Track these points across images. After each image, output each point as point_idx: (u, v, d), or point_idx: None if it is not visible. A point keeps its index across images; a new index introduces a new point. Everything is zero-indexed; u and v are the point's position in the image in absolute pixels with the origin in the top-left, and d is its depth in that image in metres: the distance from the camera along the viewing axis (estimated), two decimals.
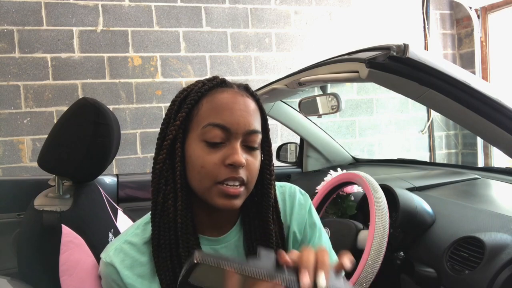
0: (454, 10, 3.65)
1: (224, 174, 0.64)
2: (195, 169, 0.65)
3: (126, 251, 0.67)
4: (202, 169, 0.64)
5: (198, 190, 0.66)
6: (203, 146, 0.65)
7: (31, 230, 0.89)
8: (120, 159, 2.78)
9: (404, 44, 0.73)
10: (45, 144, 0.95)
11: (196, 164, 0.65)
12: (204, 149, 0.65)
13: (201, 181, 0.65)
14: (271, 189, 0.73)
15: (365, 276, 0.82)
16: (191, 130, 0.67)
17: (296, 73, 1.21)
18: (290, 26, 3.18)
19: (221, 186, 0.64)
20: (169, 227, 0.66)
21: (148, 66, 2.83)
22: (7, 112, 2.56)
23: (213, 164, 0.64)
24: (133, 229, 0.71)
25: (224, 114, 0.65)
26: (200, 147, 0.65)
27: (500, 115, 0.69)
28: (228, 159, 0.64)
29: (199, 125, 0.66)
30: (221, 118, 0.65)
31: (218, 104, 0.66)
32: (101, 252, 0.69)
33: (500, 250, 0.77)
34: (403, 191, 1.06)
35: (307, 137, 1.89)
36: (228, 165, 0.64)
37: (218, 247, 0.72)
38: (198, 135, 0.66)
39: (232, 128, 0.65)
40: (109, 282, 0.67)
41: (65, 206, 0.92)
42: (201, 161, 0.64)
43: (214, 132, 0.64)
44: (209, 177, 0.64)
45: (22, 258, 0.89)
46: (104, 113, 0.95)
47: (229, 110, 0.65)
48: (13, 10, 2.56)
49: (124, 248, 0.67)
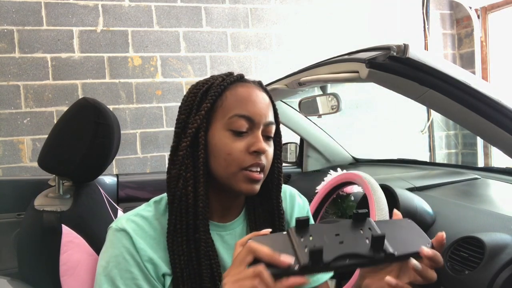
0: (454, 10, 3.65)
1: (249, 160, 0.70)
2: (221, 156, 0.70)
3: (137, 222, 0.70)
4: (229, 156, 0.69)
5: (223, 175, 0.71)
6: (229, 135, 0.70)
7: (31, 230, 0.89)
8: (120, 159, 2.78)
9: (404, 44, 0.73)
10: (45, 144, 0.96)
11: (222, 151, 0.70)
12: (230, 137, 0.70)
13: (227, 167, 0.70)
14: (281, 177, 0.80)
15: None
16: (215, 120, 0.71)
17: (296, 73, 1.21)
18: (290, 26, 3.18)
19: (246, 171, 0.70)
20: (187, 212, 0.69)
21: (148, 66, 2.83)
22: (7, 112, 2.56)
23: (239, 151, 0.69)
24: (144, 206, 0.74)
25: (248, 106, 0.71)
26: (226, 135, 0.70)
27: (500, 115, 0.69)
28: (253, 146, 0.70)
29: (225, 115, 0.71)
30: (246, 109, 0.70)
31: (243, 97, 0.72)
32: None
33: (500, 250, 0.77)
34: (403, 191, 1.06)
35: (307, 137, 1.89)
36: (252, 152, 0.70)
37: (224, 233, 0.75)
38: (223, 124, 0.71)
39: (255, 119, 0.71)
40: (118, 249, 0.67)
41: (65, 206, 0.92)
42: (228, 148, 0.70)
43: (240, 122, 0.70)
44: (236, 163, 0.69)
45: (22, 258, 0.89)
46: (104, 113, 0.95)
47: (252, 102, 0.71)
48: (13, 10, 2.56)
49: (136, 219, 0.70)
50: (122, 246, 0.67)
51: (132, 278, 0.66)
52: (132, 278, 0.66)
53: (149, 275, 0.67)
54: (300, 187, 1.64)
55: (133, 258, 0.67)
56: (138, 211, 0.73)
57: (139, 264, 0.67)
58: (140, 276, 0.66)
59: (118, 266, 0.66)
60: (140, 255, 0.67)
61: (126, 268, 0.66)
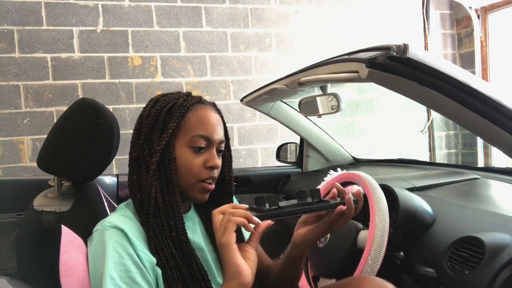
0: (454, 10, 3.65)
1: (205, 174, 0.82)
2: (183, 169, 0.81)
3: (123, 219, 0.77)
4: (190, 170, 0.81)
5: (182, 186, 0.82)
6: (189, 151, 0.81)
7: (31, 231, 0.89)
8: (120, 159, 2.78)
9: (404, 44, 0.72)
10: (44, 144, 0.95)
11: (184, 166, 0.81)
12: (190, 154, 0.81)
13: (187, 179, 0.81)
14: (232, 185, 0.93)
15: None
16: (178, 138, 0.81)
17: (296, 73, 1.21)
18: (290, 26, 3.18)
19: (202, 183, 0.82)
20: (159, 215, 0.78)
21: (148, 66, 2.83)
22: (7, 112, 2.56)
23: (198, 166, 0.81)
24: (118, 210, 0.82)
25: (207, 127, 0.82)
26: (187, 152, 0.81)
27: (500, 115, 0.69)
28: (209, 162, 0.82)
29: (187, 134, 0.81)
30: (205, 130, 0.82)
31: (202, 119, 0.83)
32: None
33: (500, 250, 0.77)
34: (403, 191, 1.06)
35: (307, 137, 1.89)
36: (208, 167, 0.82)
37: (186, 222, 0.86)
38: (186, 142, 0.81)
39: (212, 138, 0.82)
40: (111, 244, 0.72)
41: (64, 206, 0.92)
42: (189, 164, 0.81)
43: (200, 141, 0.81)
44: (195, 176, 0.81)
45: (21, 259, 0.89)
46: (104, 113, 0.95)
47: (210, 124, 0.83)
48: (13, 10, 2.56)
49: (120, 218, 0.78)
50: (115, 241, 0.72)
51: (126, 270, 0.71)
52: (126, 271, 0.71)
53: (143, 267, 0.73)
54: (300, 187, 1.64)
55: (126, 251, 0.72)
56: (116, 213, 0.80)
57: (132, 257, 0.72)
58: (133, 269, 0.71)
59: (112, 259, 0.71)
60: (134, 246, 0.73)
61: (119, 261, 0.71)
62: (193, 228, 0.88)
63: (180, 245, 0.79)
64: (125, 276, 0.70)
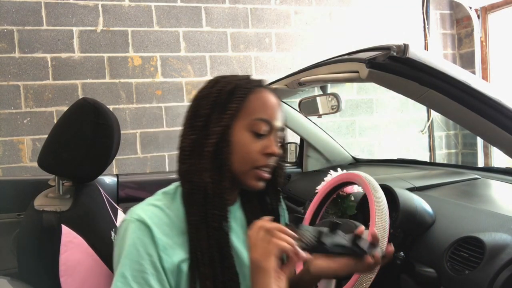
0: (454, 10, 3.65)
1: (262, 161, 0.76)
2: (240, 154, 0.75)
3: (152, 210, 0.73)
4: (247, 155, 0.75)
5: (237, 171, 0.76)
6: (249, 135, 0.76)
7: (31, 230, 0.89)
8: (120, 159, 2.78)
9: (404, 44, 0.73)
10: (45, 144, 0.95)
11: (242, 150, 0.75)
12: (250, 138, 0.76)
13: (243, 165, 0.76)
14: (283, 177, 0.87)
15: (365, 276, 0.82)
16: (238, 120, 0.76)
17: (296, 73, 1.21)
18: (290, 26, 3.18)
19: (257, 170, 0.76)
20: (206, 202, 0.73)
21: (148, 66, 2.83)
22: (7, 112, 2.56)
23: (256, 152, 0.76)
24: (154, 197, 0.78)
25: (270, 111, 0.77)
26: (247, 136, 0.76)
27: (500, 115, 0.69)
28: (268, 148, 0.76)
29: (249, 117, 0.76)
30: (268, 114, 0.77)
31: (265, 102, 0.78)
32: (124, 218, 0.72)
33: (500, 250, 0.77)
34: (403, 191, 1.06)
35: (307, 137, 1.89)
36: (266, 154, 0.76)
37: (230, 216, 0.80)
38: (246, 125, 0.76)
39: (274, 124, 0.78)
40: (132, 239, 0.68)
41: (64, 206, 0.92)
42: (247, 148, 0.75)
43: (261, 125, 0.76)
44: (251, 162, 0.76)
45: (22, 258, 0.89)
46: (104, 113, 0.95)
47: (272, 108, 0.78)
48: (13, 10, 2.56)
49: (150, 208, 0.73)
50: (136, 237, 0.68)
51: (141, 270, 0.67)
52: (140, 271, 0.67)
53: (161, 269, 0.68)
54: (300, 187, 1.64)
55: (146, 250, 0.68)
56: (149, 201, 0.76)
57: (151, 257, 0.68)
58: (149, 270, 0.67)
59: (128, 256, 0.67)
60: (157, 245, 0.68)
61: (136, 259, 0.67)
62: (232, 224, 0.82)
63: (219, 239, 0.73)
64: (138, 276, 0.66)
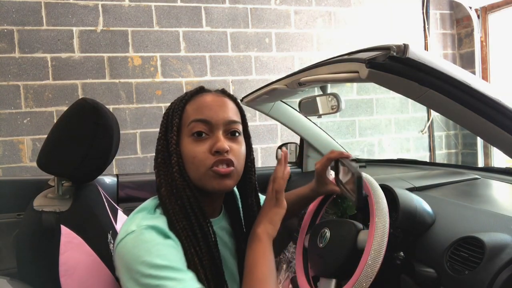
0: (454, 10, 3.65)
1: (211, 159, 0.76)
2: (189, 160, 0.77)
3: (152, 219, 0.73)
4: (194, 159, 0.76)
5: (196, 179, 0.77)
6: (191, 140, 0.77)
7: (30, 231, 0.89)
8: (120, 159, 2.78)
9: (404, 44, 0.72)
10: (44, 145, 0.95)
11: (189, 156, 0.77)
12: (193, 142, 0.77)
13: (197, 170, 0.77)
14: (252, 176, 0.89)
15: (365, 276, 0.82)
16: (182, 132, 0.79)
17: (296, 73, 1.21)
18: (290, 26, 3.18)
19: (212, 169, 0.76)
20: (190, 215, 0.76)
21: (148, 66, 2.83)
22: (7, 112, 2.56)
23: (202, 153, 0.76)
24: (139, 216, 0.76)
25: (204, 110, 0.78)
26: (189, 141, 0.77)
27: (500, 115, 0.69)
28: (214, 147, 0.76)
29: (186, 124, 0.78)
30: (202, 114, 0.78)
31: (199, 104, 0.79)
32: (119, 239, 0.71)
33: (500, 250, 0.77)
34: (403, 191, 1.06)
35: (307, 137, 1.89)
36: (215, 153, 0.76)
37: (215, 227, 0.83)
38: (186, 132, 0.78)
39: (212, 121, 0.77)
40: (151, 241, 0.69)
41: (64, 206, 0.92)
42: (192, 153, 0.77)
43: (198, 126, 0.77)
44: (202, 164, 0.76)
45: (21, 259, 0.88)
46: (103, 113, 0.95)
47: (209, 107, 0.79)
48: (13, 10, 2.56)
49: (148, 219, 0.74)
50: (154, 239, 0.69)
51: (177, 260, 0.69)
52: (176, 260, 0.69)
53: None
54: (300, 187, 1.64)
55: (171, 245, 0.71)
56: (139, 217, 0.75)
57: (176, 248, 0.71)
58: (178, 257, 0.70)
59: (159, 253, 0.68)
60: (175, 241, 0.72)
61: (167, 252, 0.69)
62: (220, 233, 0.86)
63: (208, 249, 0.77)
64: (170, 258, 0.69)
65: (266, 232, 0.78)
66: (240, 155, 0.80)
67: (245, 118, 0.86)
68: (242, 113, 0.85)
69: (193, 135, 0.77)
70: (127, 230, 0.71)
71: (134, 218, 0.74)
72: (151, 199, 0.82)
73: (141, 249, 0.67)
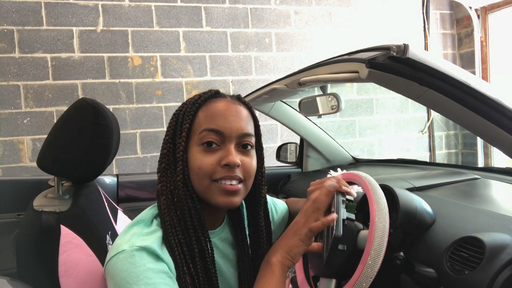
0: (454, 10, 3.65)
1: (220, 173, 0.72)
2: (194, 170, 0.72)
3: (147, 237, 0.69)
4: (200, 170, 0.72)
5: (199, 189, 0.73)
6: (200, 149, 0.73)
7: (30, 231, 0.89)
8: (120, 159, 2.78)
9: (404, 44, 0.72)
10: (44, 145, 0.95)
11: (195, 166, 0.72)
12: (201, 152, 0.72)
13: (200, 181, 0.72)
14: (262, 189, 0.84)
15: (365, 276, 0.82)
16: (191, 139, 0.74)
17: (296, 73, 1.21)
18: (290, 26, 3.18)
19: (218, 183, 0.72)
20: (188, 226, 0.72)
21: (148, 66, 2.83)
22: (7, 112, 2.56)
23: (210, 164, 0.72)
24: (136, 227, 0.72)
25: (218, 120, 0.73)
26: (198, 150, 0.73)
27: (500, 115, 0.69)
28: (223, 160, 0.71)
29: (196, 132, 0.74)
30: (215, 123, 0.73)
31: (212, 112, 0.74)
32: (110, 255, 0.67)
33: (500, 250, 0.77)
34: (403, 191, 1.06)
35: (307, 137, 1.89)
36: (224, 166, 0.72)
37: (214, 239, 0.80)
38: (196, 140, 0.73)
39: (225, 132, 0.73)
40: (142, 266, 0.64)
41: (64, 206, 0.92)
42: (199, 163, 0.72)
43: (209, 136, 0.72)
44: (207, 176, 0.72)
45: (21, 259, 0.88)
46: (103, 113, 0.95)
47: (222, 116, 0.74)
48: (13, 10, 2.56)
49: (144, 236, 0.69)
50: (144, 264, 0.64)
51: None
52: None
53: None
54: (300, 187, 1.63)
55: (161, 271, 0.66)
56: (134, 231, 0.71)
57: (168, 273, 0.66)
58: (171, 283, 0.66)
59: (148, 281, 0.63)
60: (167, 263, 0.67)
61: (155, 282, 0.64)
62: (219, 245, 0.82)
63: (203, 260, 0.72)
64: None
65: (282, 263, 0.72)
66: (250, 170, 0.76)
67: (259, 128, 0.81)
68: (257, 123, 0.80)
69: (203, 145, 0.72)
70: (118, 247, 0.67)
71: (128, 233, 0.70)
72: (149, 208, 0.78)
73: (130, 274, 0.63)
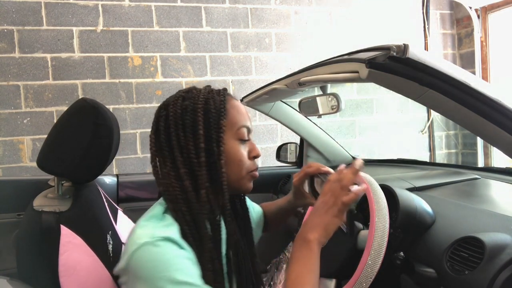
0: (454, 10, 3.65)
1: (252, 165, 0.83)
2: (235, 163, 0.80)
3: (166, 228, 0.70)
4: (241, 162, 0.80)
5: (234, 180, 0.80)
6: (238, 143, 0.81)
7: (30, 231, 0.89)
8: (120, 159, 2.78)
9: (404, 44, 0.72)
10: (44, 145, 0.95)
11: (235, 159, 0.80)
12: (239, 146, 0.81)
13: (239, 172, 0.80)
14: None
15: (365, 276, 0.82)
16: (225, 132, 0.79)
17: (296, 73, 1.21)
18: (290, 26, 3.18)
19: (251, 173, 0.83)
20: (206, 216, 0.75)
21: (148, 66, 2.83)
22: (7, 112, 2.56)
23: (246, 157, 0.82)
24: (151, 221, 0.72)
25: (246, 117, 0.83)
26: (236, 144, 0.80)
27: (500, 115, 0.69)
28: (252, 152, 0.83)
29: (233, 127, 0.80)
30: (246, 120, 0.83)
31: (240, 109, 0.83)
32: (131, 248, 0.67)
33: (500, 250, 0.77)
34: (403, 191, 1.06)
35: (307, 137, 1.89)
36: (252, 157, 0.83)
37: None
38: (232, 134, 0.80)
39: (251, 128, 0.85)
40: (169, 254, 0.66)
41: (64, 206, 0.92)
42: (239, 155, 0.80)
43: (244, 131, 0.82)
44: (245, 168, 0.81)
45: (21, 259, 0.88)
46: (103, 113, 0.95)
47: (245, 113, 0.84)
48: (13, 10, 2.56)
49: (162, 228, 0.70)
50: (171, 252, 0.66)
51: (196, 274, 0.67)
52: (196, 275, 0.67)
53: None
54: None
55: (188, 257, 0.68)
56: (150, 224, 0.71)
57: (193, 260, 0.68)
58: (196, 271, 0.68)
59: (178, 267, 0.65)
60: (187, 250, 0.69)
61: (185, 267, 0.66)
62: None
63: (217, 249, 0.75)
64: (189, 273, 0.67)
65: (319, 240, 0.75)
66: None
67: None
68: None
69: (239, 139, 0.81)
70: (139, 241, 0.66)
71: (145, 227, 0.70)
72: (155, 205, 0.78)
73: (159, 263, 0.64)
